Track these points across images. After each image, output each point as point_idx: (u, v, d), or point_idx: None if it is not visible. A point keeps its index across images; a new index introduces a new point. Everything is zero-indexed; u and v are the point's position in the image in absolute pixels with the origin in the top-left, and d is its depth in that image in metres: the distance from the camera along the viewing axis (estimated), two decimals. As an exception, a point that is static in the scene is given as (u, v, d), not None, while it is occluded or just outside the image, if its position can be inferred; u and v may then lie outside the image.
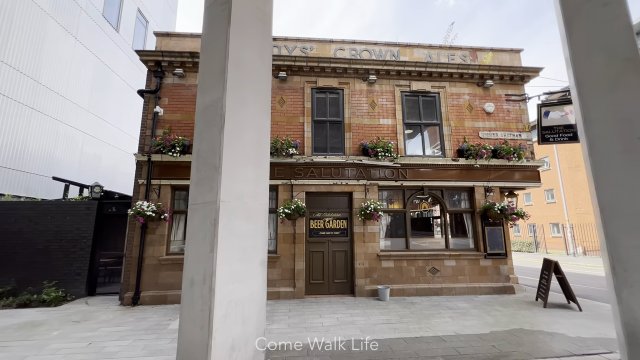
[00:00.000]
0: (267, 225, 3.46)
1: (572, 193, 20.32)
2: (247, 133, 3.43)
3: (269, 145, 3.70)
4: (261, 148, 3.58)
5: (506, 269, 8.01)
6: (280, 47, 8.64)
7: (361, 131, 8.35)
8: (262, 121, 3.65)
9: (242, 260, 3.19)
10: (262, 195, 3.48)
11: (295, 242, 7.61)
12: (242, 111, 3.48)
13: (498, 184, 8.33)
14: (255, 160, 3.47)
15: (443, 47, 9.12)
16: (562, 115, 8.39)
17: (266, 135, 3.62)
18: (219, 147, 3.18)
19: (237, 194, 3.23)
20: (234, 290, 3.07)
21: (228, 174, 3.20)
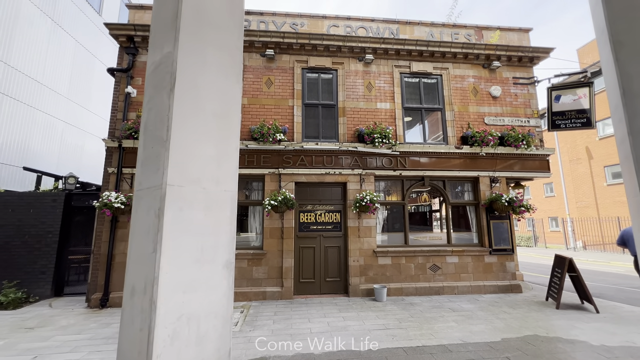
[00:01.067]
0: (234, 218, 2.73)
1: (573, 187, 19.84)
2: (208, 100, 2.68)
3: (239, 117, 2.94)
4: (228, 120, 2.83)
5: (513, 265, 7.40)
6: (268, 22, 7.82)
7: (356, 116, 7.61)
8: (230, 87, 2.89)
9: (199, 263, 2.46)
10: (228, 179, 2.74)
11: (283, 237, 6.91)
12: (202, 72, 2.70)
13: (505, 174, 7.67)
14: (218, 134, 2.72)
15: (446, 25, 8.36)
16: (574, 99, 7.71)
17: (235, 105, 2.88)
18: (167, 115, 2.43)
19: (193, 176, 2.49)
20: (185, 302, 2.33)
21: (179, 150, 2.45)
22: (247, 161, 7.05)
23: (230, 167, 2.75)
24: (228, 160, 2.75)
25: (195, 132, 2.53)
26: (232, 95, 2.86)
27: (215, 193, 2.60)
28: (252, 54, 7.57)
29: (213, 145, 2.66)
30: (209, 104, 2.66)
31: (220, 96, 2.77)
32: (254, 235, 7.23)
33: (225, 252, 2.64)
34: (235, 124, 2.87)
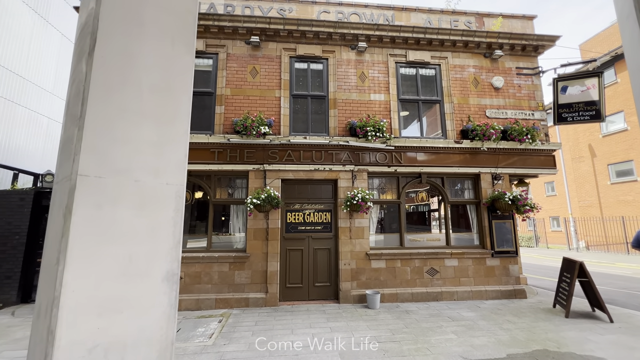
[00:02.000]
0: (180, 218, 2.18)
1: (575, 185, 19.34)
2: (145, 71, 2.13)
3: (190, 95, 2.39)
4: (173, 97, 2.28)
5: (516, 269, 6.87)
6: (254, 7, 7.27)
7: (348, 108, 7.07)
8: (178, 57, 2.34)
9: (126, 276, 1.90)
10: (172, 170, 2.19)
11: (268, 239, 6.37)
12: (137, 35, 2.14)
13: (508, 171, 7.14)
14: (160, 114, 2.17)
15: (445, 12, 7.82)
16: (582, 90, 7.18)
17: (185, 80, 2.34)
18: (83, 86, 1.90)
19: (119, 165, 1.93)
20: (103, 328, 1.77)
21: (98, 131, 1.91)
22: (229, 156, 6.50)
23: (176, 156, 2.20)
24: (173, 146, 2.20)
25: (124, 109, 1.97)
26: (182, 67, 2.31)
27: (153, 187, 2.05)
28: (235, 41, 7.03)
29: (151, 127, 2.11)
30: (147, 75, 2.11)
31: (163, 67, 2.21)
32: (237, 236, 6.69)
33: (166, 262, 2.08)
34: (184, 102, 2.32)
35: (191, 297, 6.03)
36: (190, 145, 6.40)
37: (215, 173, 6.63)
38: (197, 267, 6.17)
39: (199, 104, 6.93)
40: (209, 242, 6.44)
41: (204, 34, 6.93)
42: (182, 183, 2.21)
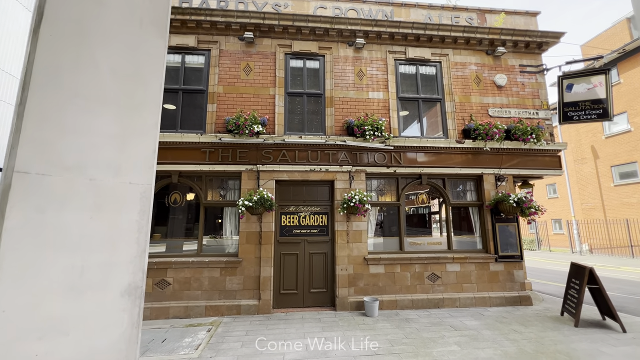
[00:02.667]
0: (146, 222, 1.93)
1: (578, 187, 19.04)
2: (105, 52, 1.89)
3: (161, 83, 2.14)
4: (140, 84, 2.04)
5: (521, 274, 6.57)
6: (248, 3, 7.03)
7: (346, 106, 6.80)
8: (147, 39, 2.11)
9: (75, 291, 1.65)
10: (137, 167, 1.95)
11: (261, 243, 6.08)
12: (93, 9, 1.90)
13: (511, 172, 6.86)
14: (122, 100, 1.93)
15: (445, 8, 7.58)
16: (589, 88, 6.93)
17: (155, 66, 2.10)
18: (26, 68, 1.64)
19: (69, 161, 1.67)
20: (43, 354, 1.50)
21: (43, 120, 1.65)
22: (221, 156, 6.23)
23: (143, 150, 1.93)
24: (139, 139, 1.93)
25: (76, 94, 1.70)
26: (152, 51, 2.06)
27: (113, 187, 1.77)
28: (228, 37, 6.77)
29: (112, 116, 1.84)
30: (107, 57, 1.84)
31: (129, 49, 1.95)
32: (230, 240, 6.40)
33: (128, 273, 1.81)
34: (154, 90, 2.06)
35: (180, 304, 5.73)
36: (181, 145, 6.14)
37: (206, 174, 6.35)
38: (187, 273, 5.87)
39: (190, 102, 6.67)
40: (199, 246, 6.15)
41: (196, 30, 6.68)
42: (150, 182, 1.94)
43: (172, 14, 6.47)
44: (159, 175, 6.27)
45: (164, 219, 6.45)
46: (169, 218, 6.45)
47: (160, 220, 6.42)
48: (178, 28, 6.64)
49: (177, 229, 6.45)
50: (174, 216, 6.46)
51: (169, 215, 6.45)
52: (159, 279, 5.80)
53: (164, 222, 6.43)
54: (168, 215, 6.45)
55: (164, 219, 6.45)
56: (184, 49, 6.69)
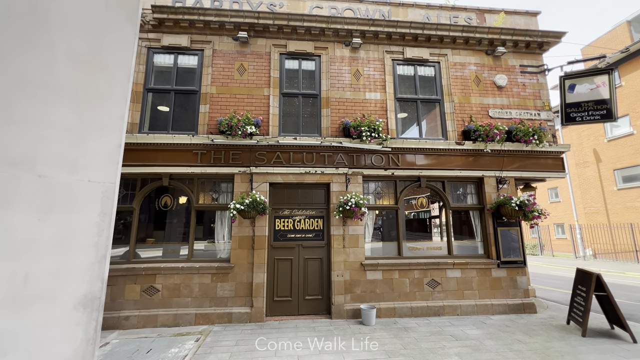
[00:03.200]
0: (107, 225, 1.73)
1: (580, 191, 18.79)
2: (62, 32, 1.72)
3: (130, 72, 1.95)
4: (104, 71, 1.87)
5: (525, 280, 6.33)
6: (242, 2, 6.91)
7: (342, 107, 6.63)
8: (113, 23, 1.95)
9: (16, 303, 1.45)
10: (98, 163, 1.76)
11: (254, 248, 5.86)
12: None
13: (513, 174, 6.65)
14: (81, 89, 1.75)
15: (444, 8, 7.44)
16: (591, 88, 6.75)
17: (123, 54, 1.93)
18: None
19: (14, 154, 1.47)
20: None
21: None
22: (213, 158, 6.04)
23: (105, 146, 1.74)
24: (101, 133, 1.74)
25: (24, 79, 1.51)
26: (118, 37, 1.89)
27: (67, 185, 1.57)
28: (222, 37, 6.63)
29: (68, 105, 1.65)
30: (64, 40, 1.67)
31: (91, 34, 1.76)
32: (222, 245, 6.18)
33: (83, 281, 1.61)
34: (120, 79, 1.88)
35: (169, 312, 5.49)
36: (172, 147, 5.96)
37: (198, 176, 6.16)
38: (176, 279, 5.65)
39: (182, 103, 6.51)
40: (190, 251, 5.93)
41: (189, 29, 6.54)
42: (113, 180, 1.74)
43: (164, 14, 6.35)
44: (149, 178, 6.09)
45: (154, 223, 6.24)
46: (160, 222, 6.24)
47: (151, 225, 6.21)
48: (170, 28, 6.51)
49: (167, 233, 6.25)
50: (165, 220, 6.26)
51: (159, 219, 6.24)
52: (147, 286, 5.57)
53: (155, 227, 6.23)
54: (159, 219, 6.25)
55: (154, 223, 6.24)
56: (177, 49, 6.55)
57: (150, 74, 6.45)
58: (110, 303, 5.45)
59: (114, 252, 5.91)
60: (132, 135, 5.89)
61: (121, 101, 1.84)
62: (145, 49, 6.46)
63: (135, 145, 5.91)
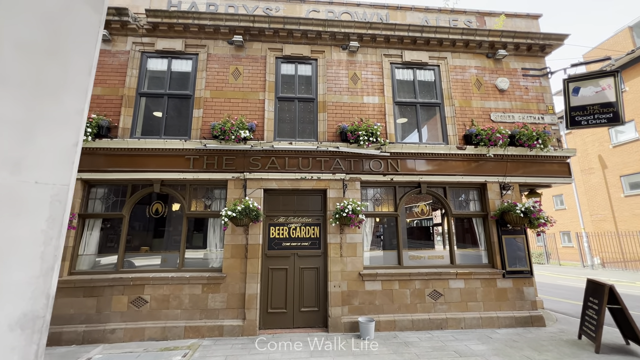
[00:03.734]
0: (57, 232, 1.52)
1: (586, 198, 18.40)
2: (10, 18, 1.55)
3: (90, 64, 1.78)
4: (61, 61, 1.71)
5: (532, 292, 6.01)
6: (238, 6, 6.83)
7: (339, 111, 6.46)
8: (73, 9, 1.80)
9: None
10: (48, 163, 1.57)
11: (247, 257, 5.62)
12: None
13: (517, 180, 6.40)
14: (29, 81, 1.57)
15: (443, 11, 7.33)
16: (597, 91, 6.53)
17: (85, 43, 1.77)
18: None
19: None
20: None
21: None
22: (206, 164, 5.86)
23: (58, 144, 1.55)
24: (52, 130, 1.55)
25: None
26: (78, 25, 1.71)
27: (8, 186, 1.36)
28: (217, 41, 6.53)
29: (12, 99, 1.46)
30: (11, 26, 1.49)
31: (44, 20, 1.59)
32: (214, 254, 5.94)
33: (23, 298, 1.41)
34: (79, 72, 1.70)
35: (157, 325, 5.23)
36: (164, 152, 5.79)
37: (190, 182, 5.97)
38: (166, 290, 5.40)
39: (175, 108, 6.38)
40: (180, 260, 5.70)
41: (183, 33, 6.45)
42: (66, 182, 1.54)
43: (158, 18, 6.27)
44: (140, 184, 5.91)
45: (145, 231, 6.03)
46: (151, 230, 6.03)
47: (141, 233, 6.00)
48: (165, 32, 6.42)
49: (158, 241, 6.03)
50: (156, 228, 6.04)
51: (150, 227, 6.03)
52: (135, 297, 5.33)
53: (145, 235, 6.01)
54: (149, 227, 6.04)
55: (145, 231, 6.03)
56: (171, 53, 6.44)
57: (143, 78, 6.33)
58: (95, 315, 5.20)
59: (102, 261, 5.70)
60: (123, 140, 5.73)
61: (79, 95, 1.66)
62: (139, 54, 6.36)
63: (126, 151, 5.75)
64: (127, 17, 6.19)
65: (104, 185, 5.93)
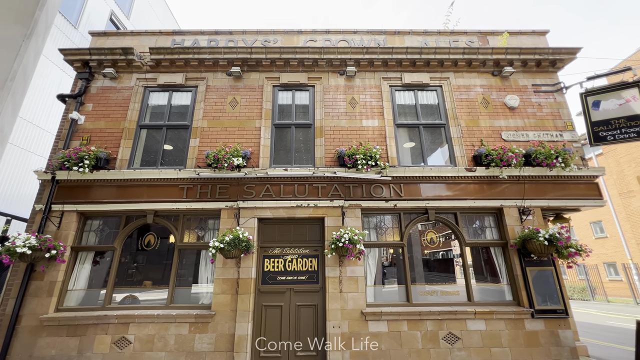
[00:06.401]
0: None
1: (630, 225, 16.56)
2: None
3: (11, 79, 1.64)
4: None
5: (570, 335, 5.07)
6: (237, 41, 7.06)
7: (337, 136, 6.24)
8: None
9: None
10: None
11: (238, 293, 5.19)
12: None
13: (538, 203, 5.72)
14: None
15: (442, 33, 7.21)
16: (620, 104, 5.98)
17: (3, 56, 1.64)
18: None
19: None
20: None
21: None
22: (199, 193, 5.71)
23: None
24: None
25: None
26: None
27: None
28: (216, 73, 6.69)
29: None
30: None
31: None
32: (206, 288, 5.57)
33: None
34: None
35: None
36: (158, 182, 5.72)
37: (184, 213, 5.80)
38: (151, 329, 5.02)
39: (173, 138, 6.43)
40: (169, 295, 5.35)
41: (184, 68, 6.67)
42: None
43: (161, 55, 6.54)
44: (133, 216, 5.80)
45: (136, 263, 5.81)
46: (141, 263, 5.81)
47: (131, 266, 5.78)
48: (167, 67, 6.67)
49: (149, 275, 5.76)
50: (147, 261, 5.82)
51: (141, 259, 5.82)
52: (118, 337, 4.97)
53: (135, 268, 5.78)
54: (141, 259, 5.82)
55: (136, 263, 5.81)
56: (172, 87, 6.64)
57: (144, 111, 6.49)
58: (76, 357, 4.86)
59: (91, 296, 5.47)
60: (119, 171, 5.75)
61: None
62: (142, 88, 6.59)
63: (122, 182, 5.74)
64: (133, 56, 6.52)
65: (98, 217, 5.88)
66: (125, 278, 5.69)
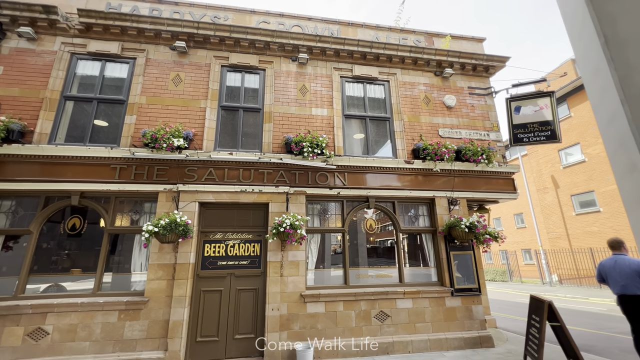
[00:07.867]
0: None
1: (543, 217, 19.22)
2: None
3: None
4: None
5: (481, 310, 5.82)
6: (184, 13, 6.58)
7: (286, 122, 6.23)
8: None
9: None
10: None
11: (174, 278, 5.03)
12: None
13: (464, 195, 6.38)
14: None
15: (393, 30, 7.49)
16: (535, 110, 6.82)
17: None
18: None
19: None
20: None
21: None
22: (134, 174, 5.33)
23: None
24: None
25: None
26: None
27: None
28: (158, 46, 6.19)
29: None
30: None
31: None
32: (140, 276, 5.29)
33: None
34: None
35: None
36: (85, 161, 5.21)
37: (116, 195, 5.38)
38: (74, 318, 4.66)
39: (106, 114, 5.86)
40: (97, 283, 4.99)
41: (121, 36, 6.06)
42: None
43: (92, 19, 5.86)
44: (54, 196, 5.24)
45: (56, 249, 5.28)
46: (65, 249, 5.30)
47: (51, 252, 5.25)
48: (100, 34, 6.00)
49: (79, 262, 5.29)
50: (72, 246, 5.33)
51: (65, 245, 5.31)
52: (33, 328, 4.54)
53: (56, 254, 5.26)
54: (69, 246, 5.31)
55: (56, 249, 5.28)
56: (105, 56, 6.00)
57: (71, 80, 5.80)
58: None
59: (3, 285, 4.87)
60: (37, 146, 5.11)
61: None
62: (68, 55, 5.86)
63: (40, 158, 5.12)
64: (57, 16, 5.73)
65: (10, 198, 5.20)
66: (49, 265, 5.17)
